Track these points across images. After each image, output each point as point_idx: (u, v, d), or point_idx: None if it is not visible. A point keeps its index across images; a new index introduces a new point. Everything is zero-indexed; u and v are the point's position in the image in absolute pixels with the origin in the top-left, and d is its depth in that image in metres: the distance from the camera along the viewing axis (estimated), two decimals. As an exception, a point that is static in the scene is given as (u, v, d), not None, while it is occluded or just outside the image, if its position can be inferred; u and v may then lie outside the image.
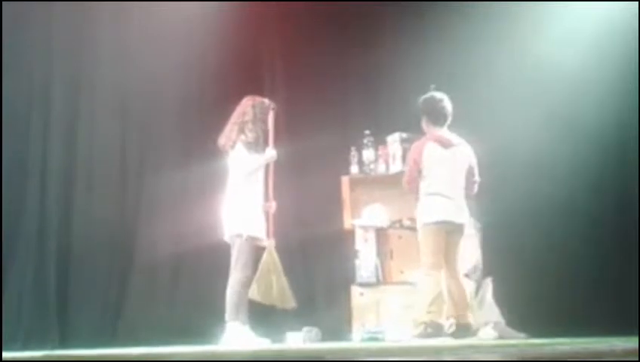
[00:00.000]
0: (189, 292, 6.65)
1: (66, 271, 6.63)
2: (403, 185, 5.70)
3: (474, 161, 5.74)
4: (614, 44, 6.76)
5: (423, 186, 5.59)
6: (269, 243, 5.75)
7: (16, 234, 6.61)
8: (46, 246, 6.61)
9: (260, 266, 5.65)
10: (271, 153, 5.80)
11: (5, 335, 6.22)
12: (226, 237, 5.73)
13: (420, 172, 5.58)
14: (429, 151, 5.59)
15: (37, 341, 6.16)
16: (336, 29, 7.14)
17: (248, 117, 5.81)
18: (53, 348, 6.08)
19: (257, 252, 5.73)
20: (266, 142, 5.83)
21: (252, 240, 5.67)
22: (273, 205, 5.86)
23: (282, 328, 6.35)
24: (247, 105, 5.85)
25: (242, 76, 6.71)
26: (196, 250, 6.43)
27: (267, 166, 5.84)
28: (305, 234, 6.87)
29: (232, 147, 5.77)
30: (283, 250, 6.78)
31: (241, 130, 5.78)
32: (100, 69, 6.91)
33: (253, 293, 5.59)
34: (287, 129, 6.90)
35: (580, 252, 6.69)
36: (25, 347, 6.09)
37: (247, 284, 5.61)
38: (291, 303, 5.73)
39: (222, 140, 5.83)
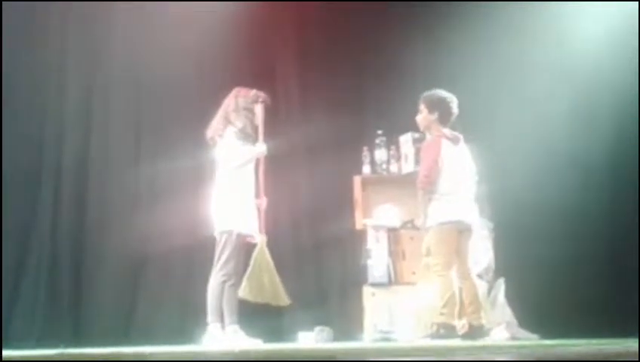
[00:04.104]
0: (203, 290, 6.63)
1: (79, 269, 6.67)
2: (419, 184, 5.57)
3: (471, 158, 5.72)
4: (630, 42, 6.73)
5: (438, 185, 5.56)
6: (261, 240, 5.60)
7: (29, 232, 6.65)
8: (60, 244, 6.65)
9: (252, 263, 5.52)
10: (262, 148, 5.66)
11: (19, 333, 6.27)
12: (215, 233, 5.61)
13: (439, 171, 5.53)
14: (445, 149, 5.58)
15: (51, 339, 6.19)
16: (350, 28, 7.14)
17: (231, 107, 5.72)
18: (67, 346, 6.10)
19: (248, 249, 5.61)
20: (255, 136, 5.70)
21: (241, 237, 5.54)
22: (264, 201, 5.70)
23: (294, 328, 6.36)
24: (231, 97, 5.77)
25: (255, 75, 6.70)
26: (208, 243, 6.30)
27: (257, 161, 5.70)
28: (317, 233, 6.88)
29: (221, 136, 5.67)
30: (294, 249, 6.81)
31: (227, 120, 5.69)
32: (113, 65, 6.95)
33: (244, 292, 5.44)
34: (300, 128, 6.93)
35: (593, 252, 6.67)
36: (38, 345, 6.11)
37: (226, 283, 5.48)
38: (285, 300, 5.58)
39: (209, 132, 5.75)
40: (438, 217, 5.50)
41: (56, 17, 6.87)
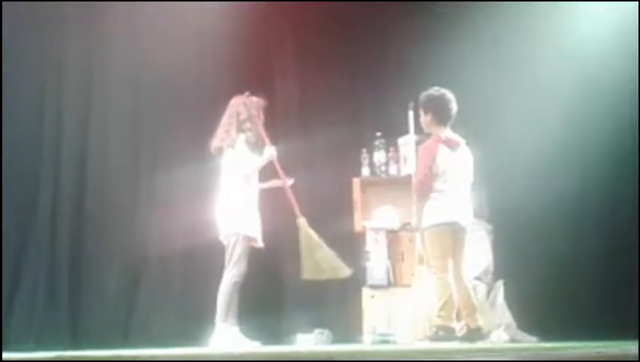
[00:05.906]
0: (201, 293, 6.64)
1: (78, 271, 6.67)
2: (414, 188, 5.60)
3: (472, 162, 5.70)
4: (632, 43, 6.73)
5: (432, 188, 5.55)
6: (300, 221, 5.80)
7: (28, 233, 6.66)
8: (58, 246, 6.65)
9: (301, 246, 5.73)
10: (270, 151, 5.79)
11: (18, 335, 6.27)
12: (221, 237, 5.76)
13: (433, 176, 5.50)
14: (440, 154, 5.54)
15: (49, 341, 6.19)
16: (348, 29, 7.14)
17: (244, 116, 5.80)
18: (65, 348, 6.10)
19: (252, 253, 5.75)
20: (261, 141, 5.81)
21: (247, 239, 5.72)
22: (289, 180, 5.87)
23: (293, 330, 6.35)
24: (239, 105, 5.83)
25: (253, 76, 6.71)
26: (206, 247, 6.30)
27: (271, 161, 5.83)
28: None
29: (232, 146, 5.74)
30: (294, 251, 6.80)
31: (240, 130, 5.76)
32: (112, 67, 6.96)
33: (306, 274, 5.68)
34: (299, 130, 6.92)
35: (592, 255, 6.66)
36: (37, 347, 6.12)
37: (238, 284, 5.64)
38: (345, 271, 5.77)
39: (217, 142, 5.80)
40: (433, 218, 5.48)
41: (56, 17, 6.87)
